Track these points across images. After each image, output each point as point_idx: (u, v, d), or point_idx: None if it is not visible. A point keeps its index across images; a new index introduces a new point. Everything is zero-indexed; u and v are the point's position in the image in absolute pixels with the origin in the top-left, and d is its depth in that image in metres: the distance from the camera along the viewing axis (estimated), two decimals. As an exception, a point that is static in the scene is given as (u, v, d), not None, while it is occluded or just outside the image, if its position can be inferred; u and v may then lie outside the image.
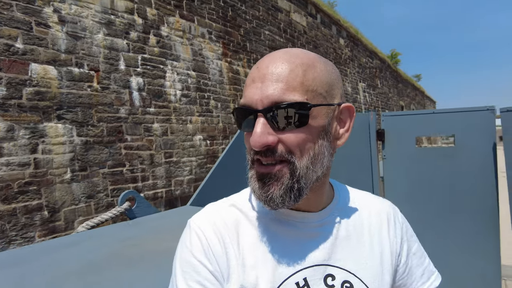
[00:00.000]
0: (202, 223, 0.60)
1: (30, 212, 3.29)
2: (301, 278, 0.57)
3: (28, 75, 3.40)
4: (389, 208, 0.71)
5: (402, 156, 1.86)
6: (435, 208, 1.83)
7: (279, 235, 0.60)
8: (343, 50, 11.43)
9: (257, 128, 0.52)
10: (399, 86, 18.28)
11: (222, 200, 0.66)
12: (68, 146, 3.64)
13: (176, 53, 5.08)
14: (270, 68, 0.54)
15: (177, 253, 0.60)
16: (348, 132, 0.61)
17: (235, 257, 0.57)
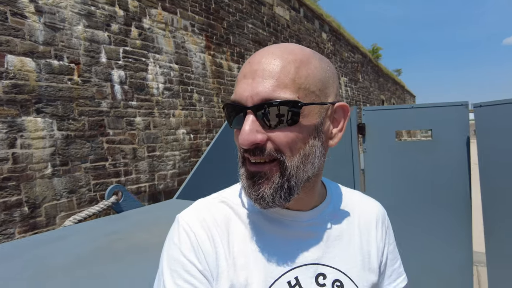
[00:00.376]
0: (191, 219, 0.58)
1: (9, 208, 3.22)
2: (293, 277, 0.57)
3: (4, 67, 3.29)
4: (379, 209, 0.73)
5: (382, 150, 1.93)
6: (413, 200, 1.91)
7: (270, 233, 0.59)
8: (326, 44, 11.52)
9: (246, 126, 0.51)
10: (380, 80, 18.60)
11: (212, 196, 0.64)
12: (48, 141, 3.56)
13: (159, 45, 5.02)
14: (261, 64, 0.52)
15: (164, 250, 0.57)
16: (341, 132, 0.59)
17: (225, 255, 0.55)
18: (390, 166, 1.93)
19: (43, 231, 3.46)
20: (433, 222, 1.89)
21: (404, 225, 1.94)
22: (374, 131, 1.94)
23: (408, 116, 1.89)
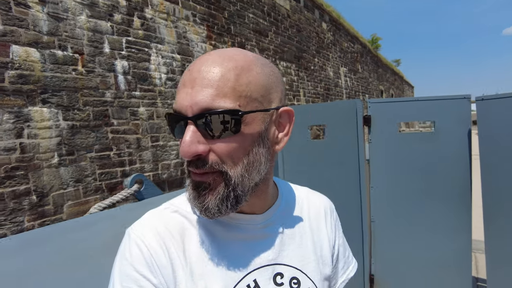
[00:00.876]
0: (143, 232, 0.55)
1: (18, 197, 3.28)
2: (251, 280, 0.57)
3: (10, 57, 3.31)
4: (327, 204, 0.76)
5: (386, 141, 2.00)
6: (415, 189, 1.98)
7: (226, 239, 0.59)
8: (326, 34, 11.49)
9: (187, 137, 0.49)
10: (379, 71, 18.60)
11: (163, 206, 0.62)
12: (54, 131, 3.60)
13: (161, 36, 5.02)
14: (201, 72, 0.50)
15: (115, 266, 0.54)
16: (287, 136, 0.59)
17: (182, 266, 0.54)
18: (394, 156, 2.00)
19: (51, 219, 3.53)
20: (435, 211, 1.96)
21: (406, 214, 2.02)
22: (379, 123, 2.00)
23: (412, 108, 1.95)
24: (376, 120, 2.00)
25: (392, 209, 2.02)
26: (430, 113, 1.93)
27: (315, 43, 10.56)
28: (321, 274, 0.66)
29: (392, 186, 2.03)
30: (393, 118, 1.97)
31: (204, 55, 0.54)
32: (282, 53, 8.56)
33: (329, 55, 11.67)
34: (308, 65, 10.02)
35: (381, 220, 2.05)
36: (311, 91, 10.11)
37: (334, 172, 2.08)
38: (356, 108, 1.97)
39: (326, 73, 11.33)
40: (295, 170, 2.22)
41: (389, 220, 2.04)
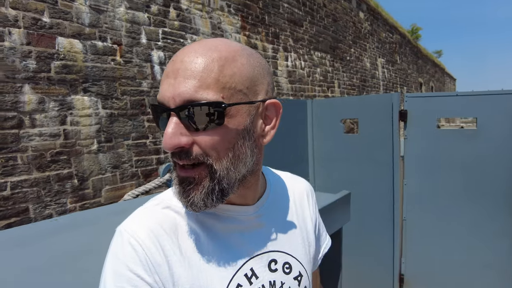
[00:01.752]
0: (136, 231, 0.54)
1: (61, 180, 3.49)
2: (248, 269, 0.59)
3: (55, 48, 3.49)
4: (308, 187, 0.78)
5: (423, 137, 1.91)
6: (453, 189, 1.89)
7: (220, 231, 0.59)
8: (363, 24, 11.12)
9: (169, 128, 0.49)
10: (418, 62, 17.78)
11: (153, 203, 0.60)
12: (94, 118, 3.78)
13: (196, 26, 5.08)
14: (184, 63, 0.49)
15: (107, 266, 0.53)
16: (274, 129, 0.58)
17: (179, 262, 0.54)
18: (431, 153, 1.92)
19: (91, 202, 3.73)
20: (474, 211, 1.87)
21: (442, 213, 1.94)
22: (416, 118, 1.92)
23: (452, 103, 1.85)
24: (413, 115, 1.91)
25: (426, 208, 1.94)
26: (472, 109, 1.82)
27: (351, 33, 10.25)
28: (308, 256, 0.70)
29: (427, 184, 1.95)
30: (431, 114, 1.88)
31: (187, 46, 0.53)
32: (317, 43, 8.39)
33: (366, 46, 11.30)
34: (344, 56, 9.77)
35: (413, 219, 1.98)
36: (346, 82, 9.86)
37: (367, 168, 2.03)
38: (392, 102, 1.91)
39: (362, 64, 10.99)
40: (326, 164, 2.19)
41: (422, 219, 1.96)
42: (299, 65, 7.72)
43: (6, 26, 3.19)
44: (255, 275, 0.59)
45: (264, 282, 0.60)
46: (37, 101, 3.33)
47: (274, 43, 6.88)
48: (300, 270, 0.66)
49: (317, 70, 8.40)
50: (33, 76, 3.32)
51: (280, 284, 0.62)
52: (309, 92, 8.07)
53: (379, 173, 2.00)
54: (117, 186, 3.98)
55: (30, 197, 3.27)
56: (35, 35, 3.36)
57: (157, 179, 1.46)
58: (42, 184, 3.35)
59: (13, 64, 3.21)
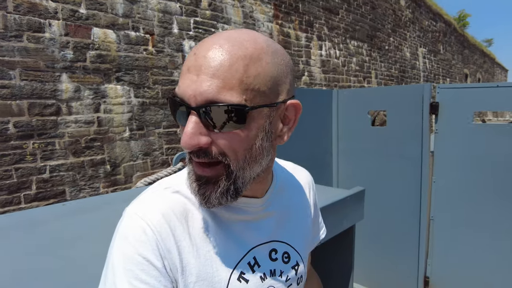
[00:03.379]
0: (147, 214, 0.53)
1: (95, 165, 3.66)
2: (252, 257, 0.60)
3: (91, 39, 3.62)
4: (309, 178, 0.80)
5: (456, 132, 1.77)
6: (486, 187, 1.74)
7: (228, 220, 0.59)
8: (404, 11, 10.56)
9: (188, 127, 0.48)
10: (464, 52, 16.68)
11: (162, 186, 0.60)
12: (126, 107, 3.90)
13: (227, 16, 5.06)
14: (207, 59, 0.47)
15: (115, 248, 0.53)
16: (291, 131, 0.57)
17: (188, 248, 0.54)
18: (464, 150, 1.77)
19: (122, 188, 3.88)
20: (507, 214, 1.71)
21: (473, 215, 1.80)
22: (449, 111, 1.78)
23: (492, 96, 1.69)
24: (446, 108, 1.77)
25: (456, 207, 1.81)
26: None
27: (391, 21, 9.78)
28: (306, 245, 0.72)
29: (458, 182, 1.81)
30: (466, 107, 1.73)
31: (211, 37, 0.51)
32: (353, 31, 8.10)
33: (406, 34, 10.74)
34: (382, 45, 9.36)
35: (441, 218, 1.85)
36: (384, 72, 9.47)
37: (394, 163, 1.92)
38: (423, 94, 1.78)
39: (402, 53, 10.48)
40: (351, 158, 2.11)
41: (451, 219, 1.83)
42: (334, 54, 7.50)
43: (46, 18, 3.35)
44: (257, 263, 0.60)
45: (265, 270, 0.61)
46: (74, 89, 3.49)
47: (308, 31, 6.72)
48: (297, 260, 0.67)
49: (353, 60, 8.12)
50: (70, 66, 3.47)
51: (280, 273, 0.63)
52: (344, 82, 7.83)
53: (407, 169, 1.88)
54: (148, 172, 4.10)
55: (66, 180, 3.45)
56: (72, 26, 3.50)
57: (170, 168, 1.47)
58: (77, 169, 3.52)
59: (53, 54, 3.37)
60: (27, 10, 3.21)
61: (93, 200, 1.11)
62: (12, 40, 3.10)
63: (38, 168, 3.27)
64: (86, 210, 1.06)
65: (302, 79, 6.58)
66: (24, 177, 3.18)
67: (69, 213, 0.98)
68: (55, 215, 0.97)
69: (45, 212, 1.02)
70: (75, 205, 1.04)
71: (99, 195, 1.11)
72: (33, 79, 3.24)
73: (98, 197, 1.12)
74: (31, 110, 3.22)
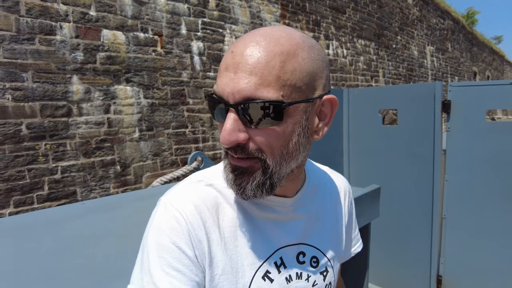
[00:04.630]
0: (181, 204, 0.55)
1: (105, 166, 3.70)
2: (278, 257, 0.60)
3: (101, 40, 3.66)
4: (346, 184, 0.78)
5: (469, 130, 1.76)
6: (500, 186, 1.73)
7: (258, 218, 0.60)
8: (411, 10, 10.48)
9: (227, 124, 0.49)
10: (473, 50, 16.49)
11: (197, 179, 0.61)
12: (136, 108, 3.94)
13: (235, 16, 5.08)
14: (244, 57, 0.48)
15: (149, 237, 0.54)
16: (327, 126, 0.58)
17: (217, 241, 0.55)
18: (477, 148, 1.76)
19: (132, 188, 3.92)
20: None
21: (486, 214, 1.79)
22: (461, 110, 1.76)
23: (504, 93, 1.67)
24: (458, 106, 1.76)
25: (468, 205, 1.79)
26: (528, 100, 1.64)
27: (398, 20, 9.72)
28: (337, 253, 0.70)
29: (471, 180, 1.80)
30: (479, 105, 1.72)
31: (247, 35, 0.52)
32: (360, 30, 8.06)
33: (413, 33, 10.66)
34: (390, 44, 9.30)
35: (454, 217, 1.84)
36: (391, 71, 9.41)
37: (405, 162, 1.92)
38: (435, 92, 1.77)
39: (409, 52, 10.41)
40: (362, 157, 2.10)
41: (463, 218, 1.82)
42: (341, 54, 7.47)
43: (58, 21, 3.40)
44: (283, 264, 0.60)
45: (291, 272, 0.61)
46: (84, 90, 3.53)
47: (315, 31, 6.71)
48: (326, 266, 0.66)
49: (360, 59, 8.09)
50: (80, 67, 3.51)
51: (306, 277, 0.63)
52: (351, 81, 7.80)
53: (419, 168, 1.88)
54: (157, 173, 4.14)
55: (77, 181, 3.50)
56: (82, 28, 3.54)
57: (185, 167, 1.49)
58: (88, 170, 3.57)
59: (64, 56, 3.41)
60: (39, 13, 3.26)
61: (110, 199, 1.12)
62: (25, 43, 3.15)
63: (50, 169, 3.32)
64: (105, 209, 1.08)
65: (309, 79, 6.56)
66: (36, 178, 3.23)
67: (89, 211, 1.00)
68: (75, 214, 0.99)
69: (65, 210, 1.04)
70: (95, 204, 1.06)
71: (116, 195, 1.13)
72: (45, 81, 3.29)
73: (115, 196, 1.13)
74: (43, 111, 3.27)
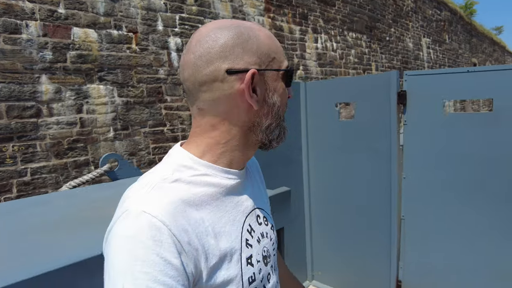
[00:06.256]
0: (157, 210, 0.50)
1: (79, 166, 3.61)
2: (248, 224, 0.64)
3: (71, 39, 3.57)
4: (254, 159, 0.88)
5: (427, 123, 1.62)
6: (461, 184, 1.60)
7: (224, 195, 0.61)
8: (405, 1, 10.29)
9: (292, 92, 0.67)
10: (472, 41, 16.23)
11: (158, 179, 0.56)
12: (110, 107, 3.85)
13: (215, 10, 4.96)
14: None
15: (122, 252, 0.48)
16: None
17: (206, 232, 0.55)
18: (435, 143, 1.63)
19: (107, 189, 3.83)
20: (484, 213, 1.57)
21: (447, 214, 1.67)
22: (418, 101, 1.63)
23: (463, 82, 1.55)
24: (414, 97, 1.64)
25: (428, 205, 1.66)
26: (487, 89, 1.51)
27: (391, 11, 9.54)
28: (269, 209, 0.78)
29: (430, 178, 1.67)
30: (437, 95, 1.59)
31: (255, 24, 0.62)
32: (351, 23, 7.91)
33: (408, 25, 10.47)
34: (383, 36, 9.13)
35: (413, 218, 1.72)
36: (385, 64, 9.25)
37: (363, 159, 1.80)
38: (390, 82, 1.65)
39: (404, 44, 10.23)
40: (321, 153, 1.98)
41: (423, 218, 1.69)
42: (331, 47, 7.33)
43: (23, 19, 3.30)
44: (252, 229, 0.64)
45: (258, 234, 0.66)
46: (54, 90, 3.44)
47: (302, 24, 6.57)
48: (272, 222, 0.74)
49: (351, 52, 7.94)
50: (49, 67, 3.42)
51: (266, 234, 0.69)
52: (342, 75, 7.66)
53: (377, 165, 1.76)
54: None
55: (49, 182, 3.42)
56: (51, 26, 3.44)
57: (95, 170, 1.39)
58: (60, 171, 3.48)
59: (31, 56, 3.32)
60: (3, 12, 3.17)
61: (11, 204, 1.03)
62: (-14, 42, 3.06)
63: (18, 171, 3.24)
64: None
65: (297, 73, 6.44)
66: (4, 181, 3.15)
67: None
68: None
69: None
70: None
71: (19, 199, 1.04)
72: (11, 81, 3.20)
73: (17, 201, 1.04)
74: (9, 112, 3.19)
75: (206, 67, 0.55)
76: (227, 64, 0.55)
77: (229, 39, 0.55)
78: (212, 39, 0.56)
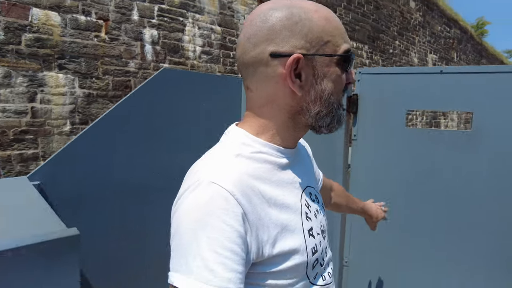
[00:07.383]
0: (225, 180, 0.53)
1: (25, 160, 3.27)
2: (304, 199, 0.65)
3: (28, 20, 3.25)
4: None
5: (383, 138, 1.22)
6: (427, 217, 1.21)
7: (282, 170, 0.62)
8: (413, 14, 9.94)
9: None
10: (482, 62, 15.80)
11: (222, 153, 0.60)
12: (68, 98, 3.51)
13: (200, 5, 4.64)
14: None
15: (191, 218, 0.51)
16: None
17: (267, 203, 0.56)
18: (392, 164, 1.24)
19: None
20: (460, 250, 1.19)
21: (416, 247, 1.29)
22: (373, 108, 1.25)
23: (434, 87, 1.16)
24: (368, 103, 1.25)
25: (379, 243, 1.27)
26: (466, 98, 1.13)
27: (397, 24, 9.19)
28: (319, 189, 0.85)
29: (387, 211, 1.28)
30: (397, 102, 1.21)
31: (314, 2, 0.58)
32: (352, 31, 7.57)
33: (415, 39, 10.12)
34: (386, 48, 8.78)
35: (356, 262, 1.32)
36: (386, 78, 8.87)
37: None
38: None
39: (408, 58, 9.86)
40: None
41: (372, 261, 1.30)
42: (328, 56, 6.98)
43: (-25, -6, 3.00)
44: (309, 205, 0.66)
45: (314, 210, 0.68)
46: (3, 74, 3.12)
47: (298, 29, 6.24)
48: (321, 200, 0.75)
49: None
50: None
51: (320, 211, 0.71)
52: (339, 86, 7.30)
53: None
54: None
55: (-13, 176, 3.08)
56: (5, 4, 3.13)
57: None
58: (2, 163, 3.14)
59: (-21, 34, 3.01)
60: (-51, -17, 2.86)
61: None
62: None
63: (-50, 160, 2.91)
64: None
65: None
66: None
67: None
68: None
69: None
70: None
71: None
72: (-49, 61, 2.89)
73: None
74: None
75: (253, 49, 0.56)
76: (272, 47, 0.55)
77: (278, 21, 0.54)
78: (262, 20, 0.55)
